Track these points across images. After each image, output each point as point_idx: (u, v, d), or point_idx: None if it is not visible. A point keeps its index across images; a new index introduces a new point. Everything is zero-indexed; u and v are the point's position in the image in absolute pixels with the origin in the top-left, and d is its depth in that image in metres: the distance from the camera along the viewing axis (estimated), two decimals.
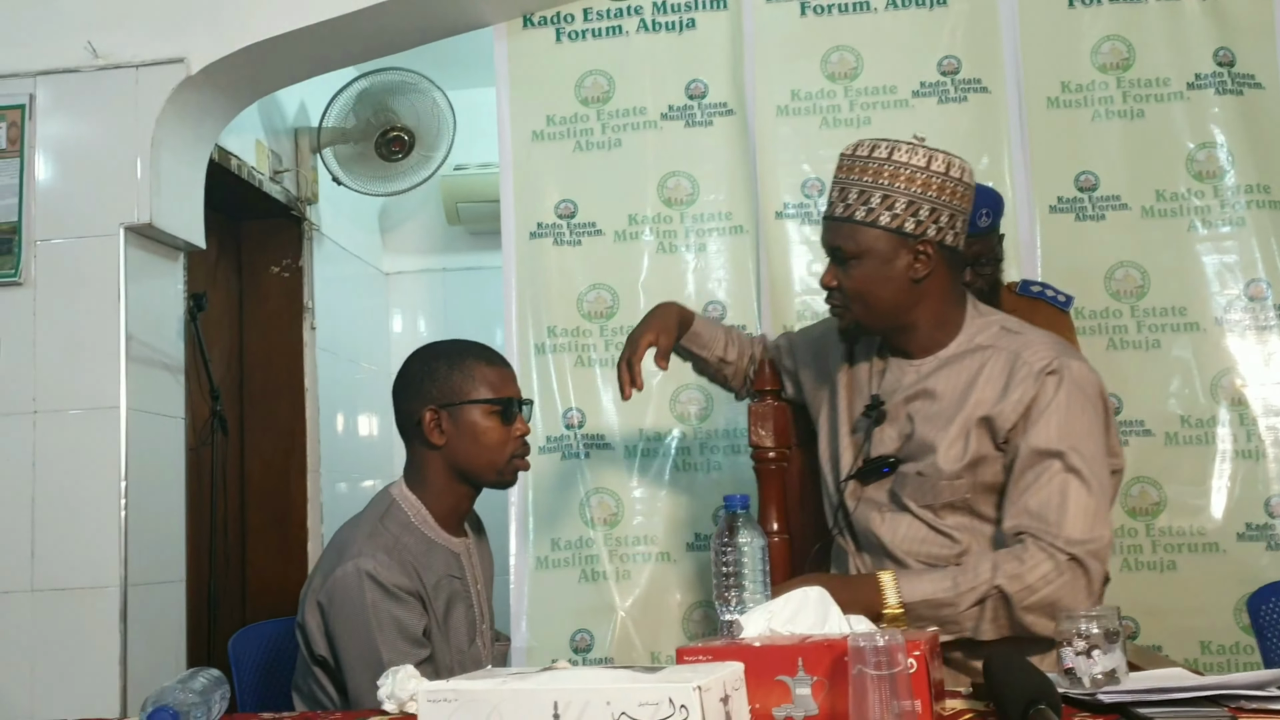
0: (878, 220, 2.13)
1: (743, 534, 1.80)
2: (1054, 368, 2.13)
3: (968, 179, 2.17)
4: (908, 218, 2.12)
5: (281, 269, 4.74)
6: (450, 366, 2.25)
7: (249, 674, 2.43)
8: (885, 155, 2.15)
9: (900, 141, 2.17)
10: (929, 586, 2.07)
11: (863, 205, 2.14)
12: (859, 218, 2.15)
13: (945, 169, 2.14)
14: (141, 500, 3.30)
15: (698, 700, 1.19)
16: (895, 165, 2.13)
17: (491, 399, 2.24)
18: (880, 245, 2.15)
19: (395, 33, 3.64)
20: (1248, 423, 3.30)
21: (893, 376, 2.27)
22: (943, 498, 2.17)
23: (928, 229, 2.13)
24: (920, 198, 2.12)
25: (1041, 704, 1.34)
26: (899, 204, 2.12)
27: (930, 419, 2.18)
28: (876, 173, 2.14)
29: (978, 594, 2.04)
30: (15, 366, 3.30)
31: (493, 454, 2.25)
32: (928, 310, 2.21)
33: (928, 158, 2.14)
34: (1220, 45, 3.42)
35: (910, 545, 2.20)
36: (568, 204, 3.58)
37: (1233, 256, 3.38)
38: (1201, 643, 3.21)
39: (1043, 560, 2.03)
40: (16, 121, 3.40)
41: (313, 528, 4.63)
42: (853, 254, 2.17)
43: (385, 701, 1.73)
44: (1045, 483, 2.07)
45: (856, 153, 2.18)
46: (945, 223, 2.14)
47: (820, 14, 3.55)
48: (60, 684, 3.17)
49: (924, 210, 2.12)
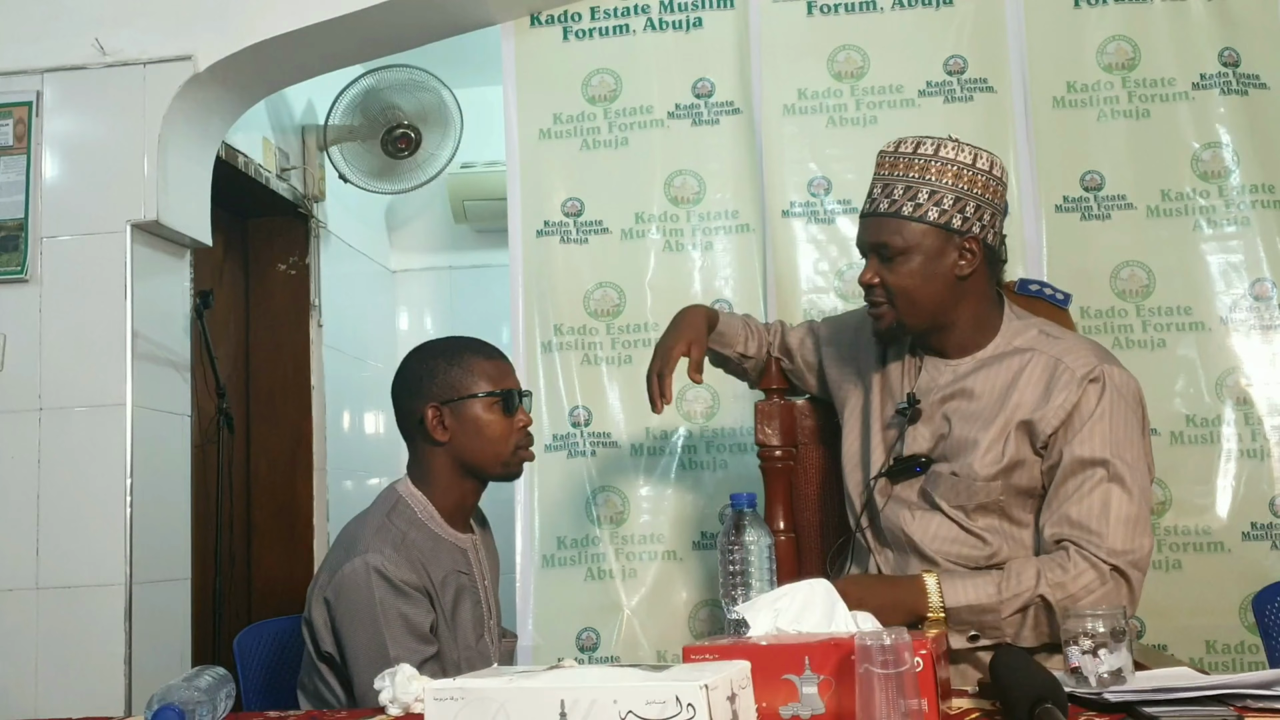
0: (926, 215, 2.12)
1: (749, 533, 1.80)
2: (1096, 374, 2.12)
3: (1006, 179, 2.18)
4: (955, 214, 2.12)
5: (288, 266, 4.74)
6: (449, 363, 2.26)
7: (254, 672, 2.43)
8: (932, 151, 2.14)
9: (943, 138, 2.16)
10: (973, 593, 2.07)
11: (910, 201, 2.13)
12: (906, 213, 2.13)
13: (989, 166, 2.15)
14: (147, 498, 3.30)
15: (704, 699, 1.20)
16: (942, 161, 2.13)
17: (492, 392, 2.24)
18: (928, 241, 2.13)
19: (402, 31, 3.64)
20: (1253, 422, 3.29)
21: (928, 376, 2.26)
22: (976, 499, 2.16)
23: (973, 225, 2.13)
24: (966, 194, 2.12)
25: (1048, 703, 1.34)
26: (946, 199, 2.11)
27: (968, 420, 2.18)
28: (923, 168, 2.13)
29: (1021, 601, 2.04)
30: (21, 363, 3.31)
31: (497, 446, 2.26)
32: (968, 310, 2.20)
33: (973, 155, 2.14)
34: (1225, 45, 3.42)
35: (940, 545, 2.19)
36: (574, 202, 3.58)
37: (1238, 256, 3.37)
38: (1207, 642, 3.21)
39: (1086, 570, 2.03)
40: (23, 118, 3.40)
41: (319, 525, 4.64)
42: (900, 250, 2.14)
43: (389, 706, 1.72)
44: (1088, 492, 2.07)
45: (900, 149, 2.17)
46: (988, 220, 2.15)
47: (827, 13, 3.55)
48: (65, 682, 3.18)
49: (970, 207, 2.12)
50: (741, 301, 3.49)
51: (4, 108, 3.41)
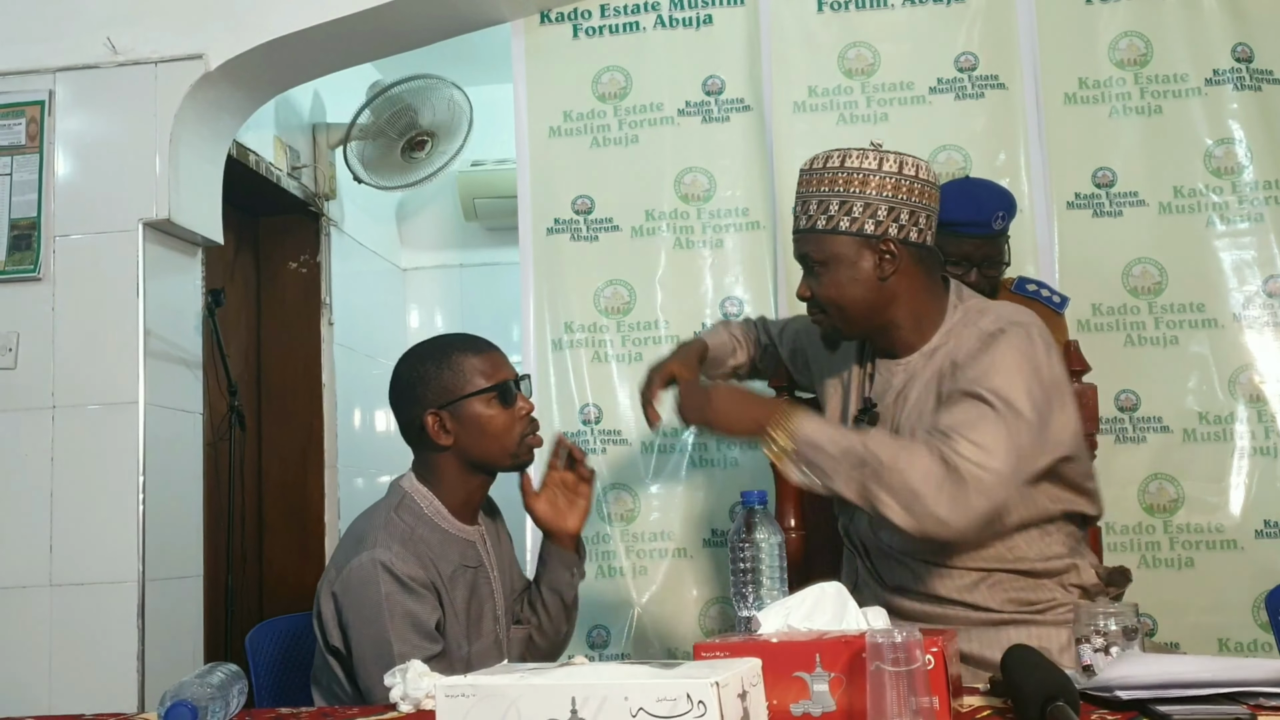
0: (838, 226, 2.17)
1: (760, 530, 1.80)
2: (1000, 328, 2.14)
3: (925, 175, 2.19)
4: (866, 220, 2.16)
5: (299, 265, 4.75)
6: (438, 366, 2.24)
7: (266, 669, 2.44)
8: (838, 163, 2.18)
9: (852, 148, 2.20)
10: (821, 434, 2.08)
11: (823, 214, 2.18)
12: (820, 226, 2.19)
13: (898, 168, 2.17)
14: (159, 495, 3.31)
15: (715, 696, 1.19)
16: (848, 171, 2.17)
17: (488, 387, 2.23)
18: (843, 250, 2.18)
19: (413, 29, 3.64)
20: (1266, 419, 3.29)
21: (882, 379, 2.28)
22: None
23: (888, 228, 2.16)
24: (875, 199, 2.15)
25: (1060, 701, 1.34)
26: (856, 208, 2.16)
27: (917, 415, 2.19)
28: (832, 181, 2.18)
29: (855, 455, 2.03)
30: (34, 361, 3.32)
31: (503, 440, 2.24)
32: (904, 309, 2.22)
33: (878, 160, 2.17)
34: (1238, 41, 3.41)
35: (900, 543, 2.20)
36: (585, 200, 3.58)
37: (1251, 252, 3.36)
38: (1219, 640, 3.20)
39: (926, 456, 2.01)
40: (36, 117, 3.41)
41: (330, 523, 4.64)
42: (821, 262, 2.20)
43: (400, 702, 1.72)
44: (960, 409, 2.06)
45: (813, 166, 2.23)
46: (906, 220, 2.17)
47: (837, 10, 3.54)
48: (78, 678, 3.19)
49: (881, 211, 2.15)
50: (752, 299, 3.49)
51: (16, 107, 3.42)
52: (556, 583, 2.36)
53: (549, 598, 2.36)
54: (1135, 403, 3.31)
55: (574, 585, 2.38)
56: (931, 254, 2.24)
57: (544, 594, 2.37)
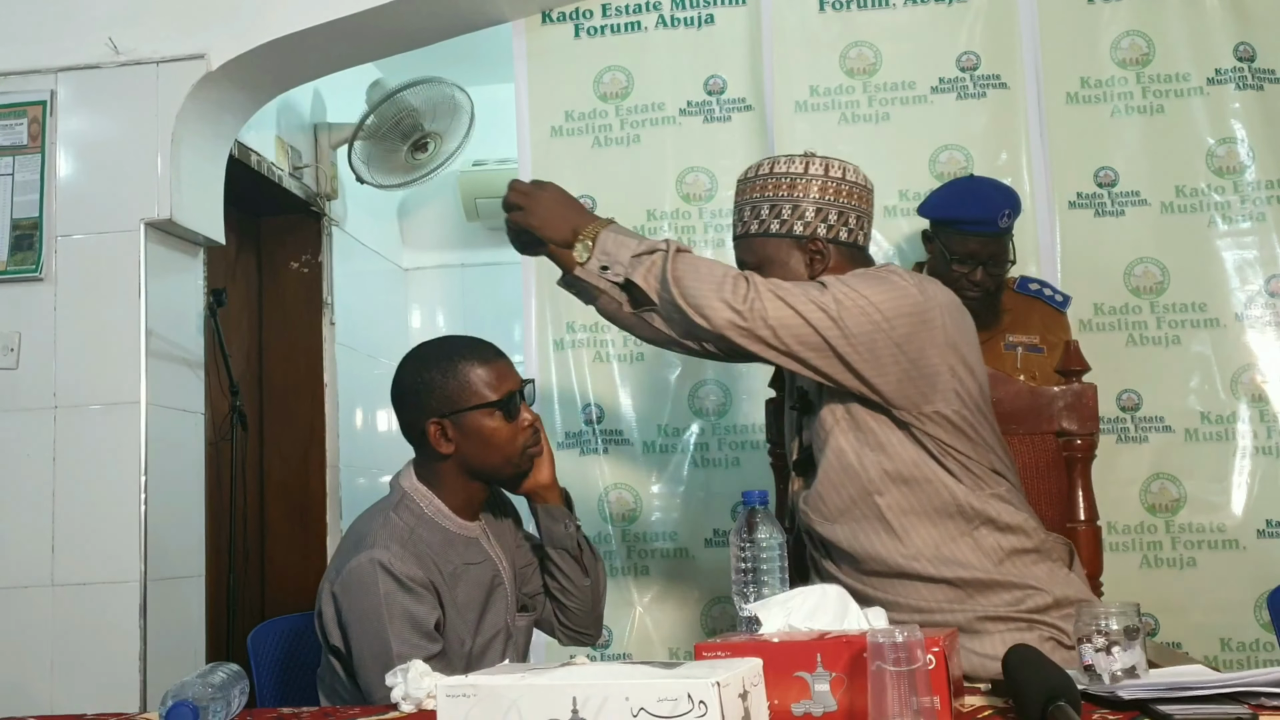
0: (769, 229, 2.22)
1: (762, 529, 1.80)
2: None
3: (853, 177, 2.23)
4: (795, 221, 2.20)
5: (301, 265, 4.75)
6: (443, 374, 2.20)
7: (268, 669, 2.44)
8: (768, 170, 2.24)
9: (782, 155, 2.27)
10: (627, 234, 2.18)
11: (755, 219, 2.23)
12: (753, 231, 2.24)
13: (824, 170, 2.21)
14: (161, 495, 3.32)
15: (716, 696, 1.19)
16: (776, 176, 2.23)
17: (493, 402, 2.21)
18: (774, 251, 2.22)
19: (414, 29, 3.64)
20: (1268, 419, 3.29)
21: None
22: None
23: (816, 228, 2.20)
24: (803, 200, 2.20)
25: (1061, 700, 1.34)
26: (784, 210, 2.20)
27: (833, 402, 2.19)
28: (761, 187, 2.23)
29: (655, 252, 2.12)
30: (36, 361, 3.32)
31: (505, 450, 2.23)
32: None
33: (805, 164, 2.22)
34: (1240, 40, 3.40)
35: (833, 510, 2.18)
36: (586, 200, 3.57)
37: (1253, 252, 3.36)
38: (1221, 640, 3.20)
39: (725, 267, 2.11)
40: (38, 118, 3.41)
41: (332, 523, 4.65)
42: (754, 265, 2.23)
43: (401, 702, 1.72)
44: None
45: (746, 175, 2.28)
46: (835, 220, 2.20)
47: (839, 9, 3.54)
48: (80, 678, 3.19)
49: (809, 212, 2.20)
50: None
51: (18, 107, 3.42)
52: (556, 539, 2.35)
53: (556, 556, 2.35)
54: (1137, 402, 3.31)
55: (573, 536, 2.35)
56: (863, 254, 2.27)
57: (551, 555, 2.36)
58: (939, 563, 2.10)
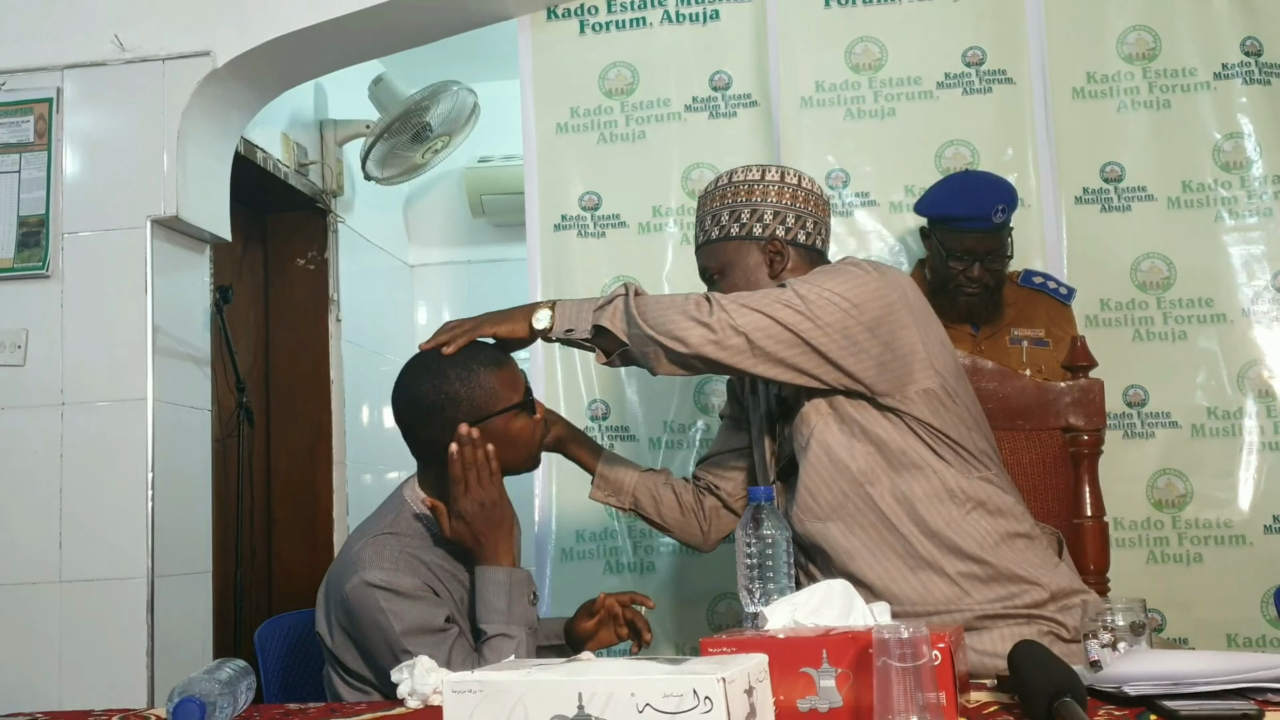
0: (729, 233, 2.28)
1: (767, 526, 1.80)
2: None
3: (808, 185, 2.30)
4: (754, 224, 2.26)
5: (307, 261, 4.76)
6: (466, 385, 2.16)
7: (274, 665, 2.44)
8: (726, 180, 2.31)
9: (740, 166, 2.33)
10: (583, 300, 2.18)
11: (715, 226, 2.29)
12: (714, 237, 2.29)
13: (780, 177, 2.28)
14: (168, 492, 3.32)
15: (721, 692, 1.19)
16: (735, 184, 2.29)
17: (518, 403, 2.20)
18: (734, 254, 2.27)
19: (420, 25, 3.64)
20: (1275, 414, 3.28)
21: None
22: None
23: (775, 230, 2.25)
24: (761, 204, 2.26)
25: (1067, 696, 1.34)
26: (744, 214, 2.27)
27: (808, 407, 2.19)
28: (721, 196, 2.30)
29: (615, 298, 2.13)
30: (43, 358, 3.33)
31: (529, 447, 2.24)
32: None
33: (761, 171, 2.30)
34: (1247, 35, 3.40)
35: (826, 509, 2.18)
36: (592, 196, 3.58)
37: (1260, 247, 3.35)
38: (1228, 635, 3.20)
39: (684, 294, 2.13)
40: (44, 115, 3.42)
41: (338, 519, 4.66)
42: (718, 270, 2.29)
43: (407, 698, 1.72)
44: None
45: (706, 189, 2.34)
46: (793, 223, 2.26)
47: (844, 4, 3.54)
48: (88, 674, 3.20)
49: (767, 215, 2.26)
50: None
51: (25, 104, 3.43)
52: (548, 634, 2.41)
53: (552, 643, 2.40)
54: (1143, 398, 3.31)
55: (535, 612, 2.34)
56: (822, 257, 2.30)
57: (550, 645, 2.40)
58: (935, 551, 2.09)
